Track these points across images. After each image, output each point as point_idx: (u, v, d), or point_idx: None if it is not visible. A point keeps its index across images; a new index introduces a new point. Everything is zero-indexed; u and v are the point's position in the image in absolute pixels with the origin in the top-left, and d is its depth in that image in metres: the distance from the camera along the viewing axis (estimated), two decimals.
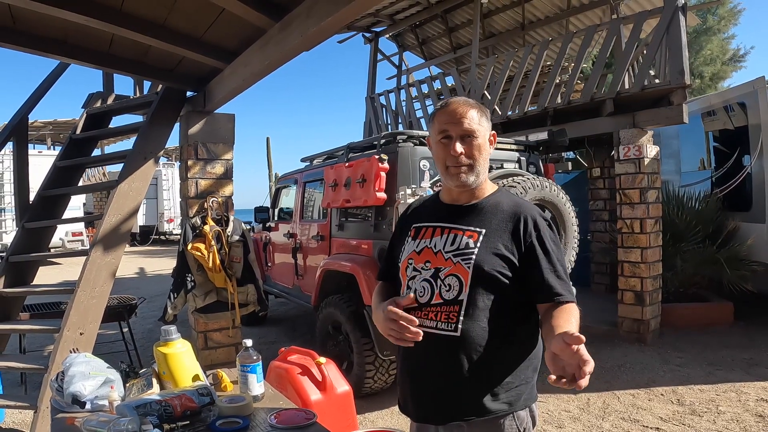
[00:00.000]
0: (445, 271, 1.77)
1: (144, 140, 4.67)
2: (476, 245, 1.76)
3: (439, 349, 1.77)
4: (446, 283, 1.77)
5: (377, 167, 4.65)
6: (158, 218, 23.03)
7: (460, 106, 1.80)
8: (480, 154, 1.80)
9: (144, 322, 8.00)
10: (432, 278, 1.79)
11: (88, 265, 4.18)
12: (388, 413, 4.72)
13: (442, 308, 1.76)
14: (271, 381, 3.18)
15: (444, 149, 1.80)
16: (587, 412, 4.59)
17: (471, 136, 1.78)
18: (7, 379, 4.95)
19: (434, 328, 1.76)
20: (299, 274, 6.52)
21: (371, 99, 10.82)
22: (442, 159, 1.82)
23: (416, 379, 1.86)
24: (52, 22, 3.65)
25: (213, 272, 4.70)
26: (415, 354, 1.83)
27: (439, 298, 1.77)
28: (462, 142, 1.78)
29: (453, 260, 1.77)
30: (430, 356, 1.80)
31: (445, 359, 1.77)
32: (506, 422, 1.78)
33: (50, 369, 3.82)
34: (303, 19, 3.29)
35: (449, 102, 1.84)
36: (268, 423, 1.90)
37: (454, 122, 1.78)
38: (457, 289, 1.75)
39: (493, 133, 1.88)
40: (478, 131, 1.78)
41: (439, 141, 1.82)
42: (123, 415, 1.78)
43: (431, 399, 1.82)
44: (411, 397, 1.88)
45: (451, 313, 1.75)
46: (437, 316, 1.76)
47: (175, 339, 2.23)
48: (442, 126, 1.80)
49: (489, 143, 1.84)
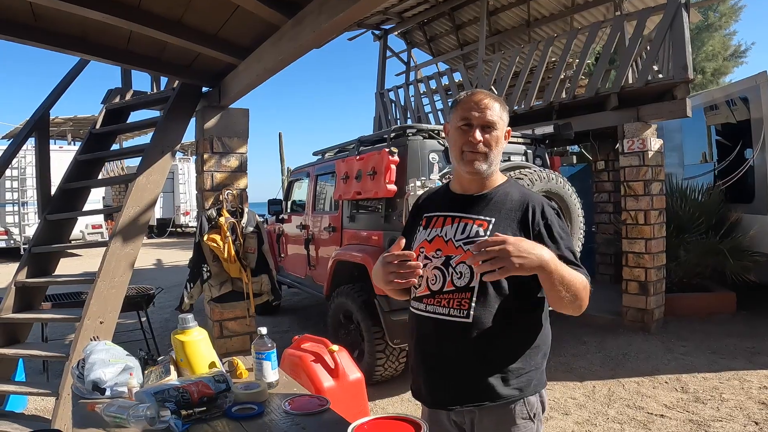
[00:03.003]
0: (456, 259, 1.76)
1: (161, 135, 4.66)
2: (486, 234, 1.74)
3: (451, 336, 1.76)
4: (457, 271, 1.75)
5: (388, 160, 4.64)
6: (175, 211, 23.14)
7: (486, 98, 1.79)
8: (496, 146, 1.79)
9: (161, 312, 8.03)
10: (443, 266, 1.78)
11: (107, 255, 4.18)
12: (398, 400, 4.71)
13: (454, 295, 1.75)
14: (285, 368, 3.16)
15: (463, 135, 1.79)
16: (593, 399, 4.56)
17: (491, 127, 1.77)
18: (29, 366, 4.98)
19: (447, 315, 1.76)
20: (311, 264, 6.51)
21: (381, 94, 10.79)
22: (459, 145, 1.80)
23: (429, 366, 1.84)
24: (72, 19, 3.64)
25: (228, 263, 4.69)
26: (428, 341, 1.83)
27: (451, 285, 1.75)
28: (482, 131, 1.77)
29: (464, 248, 1.75)
30: (442, 343, 1.79)
31: (458, 345, 1.76)
32: (517, 408, 1.77)
33: (71, 357, 3.82)
34: (315, 16, 3.27)
35: (475, 92, 1.83)
36: (282, 409, 1.88)
37: (478, 111, 1.77)
38: (468, 277, 1.73)
39: (508, 130, 1.87)
40: (498, 124, 1.78)
41: (459, 127, 1.80)
42: (142, 401, 1.76)
43: (444, 385, 1.80)
44: (424, 384, 1.87)
45: (463, 300, 1.74)
46: (449, 303, 1.75)
47: (192, 327, 2.22)
48: (465, 113, 1.79)
49: (504, 138, 1.84)
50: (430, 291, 1.79)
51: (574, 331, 6.38)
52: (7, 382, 4.18)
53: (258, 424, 1.78)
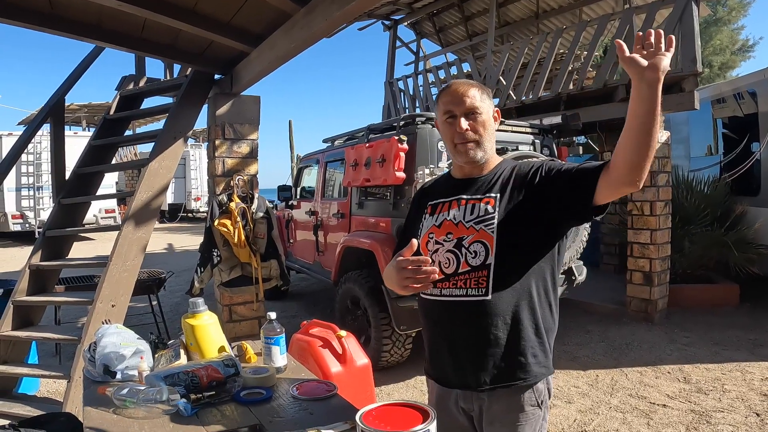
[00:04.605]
0: (469, 239, 1.75)
1: (174, 121, 4.64)
2: (495, 209, 1.74)
3: (471, 315, 1.74)
4: (471, 251, 1.74)
5: (397, 148, 4.61)
6: (186, 196, 23.21)
7: (461, 86, 1.80)
8: (485, 130, 1.80)
9: (171, 296, 8.05)
10: (456, 248, 1.76)
11: (120, 239, 4.17)
12: (404, 386, 4.71)
13: (470, 275, 1.73)
14: (293, 353, 3.15)
15: (450, 128, 1.80)
16: (596, 388, 4.54)
17: (474, 113, 1.77)
18: (42, 349, 5.00)
19: (464, 296, 1.74)
20: (320, 250, 6.50)
21: (390, 84, 10.74)
22: (450, 137, 1.81)
23: (451, 347, 1.81)
24: (87, 7, 3.61)
25: (238, 247, 4.69)
26: (446, 323, 1.81)
27: (466, 266, 1.74)
28: (466, 119, 1.77)
29: (475, 228, 1.74)
30: (462, 323, 1.77)
31: (478, 324, 1.74)
32: (525, 394, 1.77)
33: (83, 340, 3.83)
34: (327, 4, 3.23)
35: (450, 84, 1.84)
36: (290, 394, 1.87)
37: (457, 102, 1.78)
38: (483, 255, 1.72)
39: (497, 110, 1.87)
40: (480, 108, 1.78)
41: (444, 121, 1.82)
42: (152, 385, 1.76)
43: (467, 365, 1.78)
44: (447, 366, 1.83)
45: (480, 278, 1.72)
46: (466, 283, 1.74)
47: (202, 311, 2.20)
48: (447, 107, 1.80)
49: (493, 120, 1.83)
50: (445, 275, 1.77)
51: (578, 320, 6.36)
52: (20, 365, 4.19)
53: (266, 408, 1.77)
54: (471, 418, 1.84)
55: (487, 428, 1.80)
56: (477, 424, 1.83)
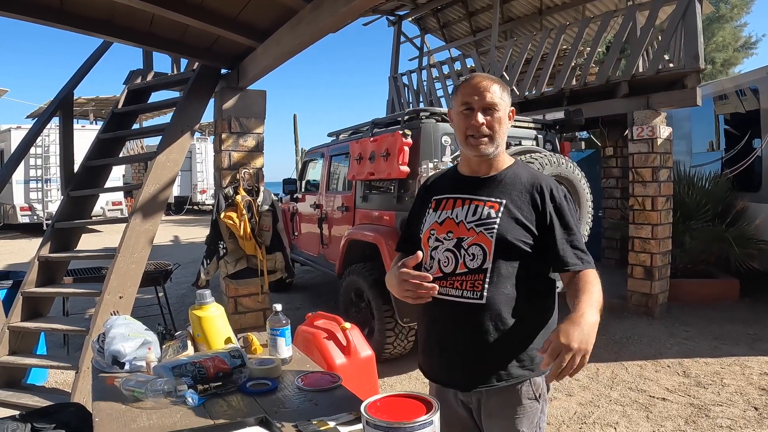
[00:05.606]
0: (468, 240, 1.74)
1: (181, 114, 4.65)
2: (498, 215, 1.73)
3: (465, 317, 1.75)
4: (470, 253, 1.73)
5: (401, 142, 4.60)
6: (192, 189, 23.25)
7: (483, 80, 1.77)
8: (500, 127, 1.77)
9: (178, 288, 8.06)
10: (455, 248, 1.76)
11: (127, 231, 4.19)
12: (406, 378, 4.72)
13: (467, 277, 1.73)
14: (298, 345, 3.16)
15: (465, 120, 1.77)
16: (596, 382, 4.55)
17: (492, 109, 1.75)
18: (50, 340, 5.01)
19: (460, 297, 1.74)
20: (324, 243, 6.51)
21: (394, 78, 10.71)
22: (463, 129, 1.78)
23: (443, 347, 1.82)
24: (97, 3, 3.62)
25: (244, 240, 4.70)
26: (441, 322, 1.81)
27: (463, 267, 1.74)
28: (483, 113, 1.74)
29: (476, 230, 1.74)
30: (456, 324, 1.78)
31: (471, 326, 1.74)
32: (523, 388, 1.77)
33: (91, 331, 3.84)
34: (333, 0, 3.23)
35: (473, 76, 1.80)
36: (295, 385, 1.87)
37: (477, 95, 1.74)
38: (481, 258, 1.72)
39: (512, 109, 1.84)
40: (499, 105, 1.75)
41: (461, 112, 1.79)
42: (159, 375, 1.76)
43: (457, 366, 1.79)
44: (438, 365, 1.86)
45: (476, 282, 1.72)
46: (462, 284, 1.74)
47: (209, 303, 2.20)
48: (466, 98, 1.77)
49: (508, 118, 1.81)
50: (443, 273, 1.77)
51: None
52: (29, 356, 4.21)
53: (272, 399, 1.77)
54: (470, 411, 1.85)
55: (485, 421, 1.81)
56: (476, 417, 1.84)
